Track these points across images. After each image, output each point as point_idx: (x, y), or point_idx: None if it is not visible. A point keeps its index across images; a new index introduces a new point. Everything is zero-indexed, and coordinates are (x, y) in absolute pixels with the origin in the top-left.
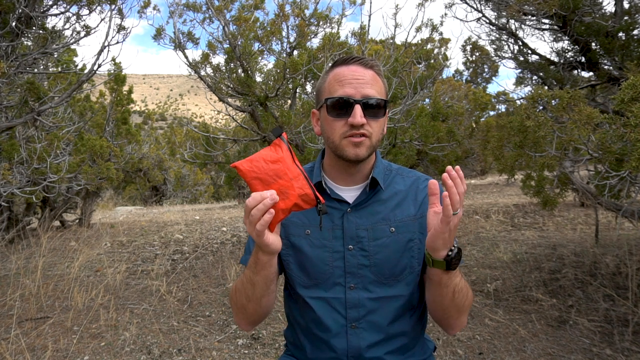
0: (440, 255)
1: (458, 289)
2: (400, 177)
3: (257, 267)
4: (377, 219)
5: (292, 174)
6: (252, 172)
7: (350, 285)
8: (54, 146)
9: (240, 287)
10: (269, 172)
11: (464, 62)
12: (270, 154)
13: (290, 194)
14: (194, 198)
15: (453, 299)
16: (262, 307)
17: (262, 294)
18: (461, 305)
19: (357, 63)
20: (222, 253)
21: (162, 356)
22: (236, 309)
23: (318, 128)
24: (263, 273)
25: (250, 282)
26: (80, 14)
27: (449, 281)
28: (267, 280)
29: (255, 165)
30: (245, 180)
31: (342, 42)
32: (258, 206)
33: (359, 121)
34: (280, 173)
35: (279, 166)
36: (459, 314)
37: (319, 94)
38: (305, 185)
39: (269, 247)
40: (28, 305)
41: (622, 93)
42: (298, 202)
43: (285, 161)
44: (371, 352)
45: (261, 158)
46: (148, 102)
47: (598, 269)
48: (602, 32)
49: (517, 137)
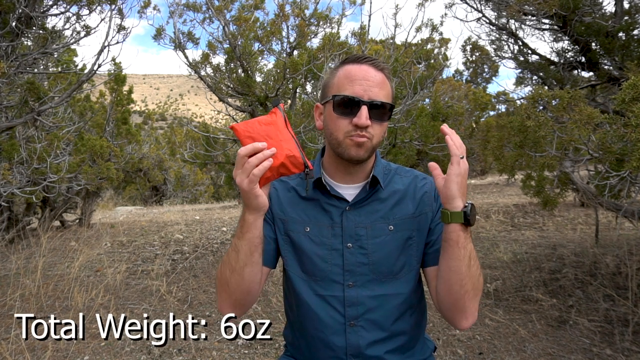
0: (457, 205)
1: (473, 255)
2: (399, 177)
3: (243, 229)
4: (376, 217)
5: (282, 136)
6: (246, 132)
7: (348, 283)
8: (54, 146)
9: (226, 258)
10: (260, 132)
11: (464, 62)
12: (265, 117)
13: (278, 154)
14: (194, 198)
15: (470, 265)
16: (245, 280)
17: (245, 262)
18: (476, 279)
19: (369, 63)
20: (222, 253)
21: (162, 356)
22: (220, 287)
23: (320, 122)
24: (248, 235)
25: (235, 249)
26: (80, 14)
27: (466, 242)
28: (251, 245)
29: (249, 126)
30: (239, 139)
31: (342, 42)
32: (257, 155)
33: (364, 122)
34: (271, 134)
35: (270, 128)
36: (475, 292)
37: (326, 89)
38: (295, 148)
39: (256, 198)
40: (28, 305)
41: (622, 93)
42: (285, 163)
43: (277, 124)
44: (371, 350)
45: (256, 120)
46: (148, 102)
47: (598, 269)
48: (602, 32)
49: (517, 137)
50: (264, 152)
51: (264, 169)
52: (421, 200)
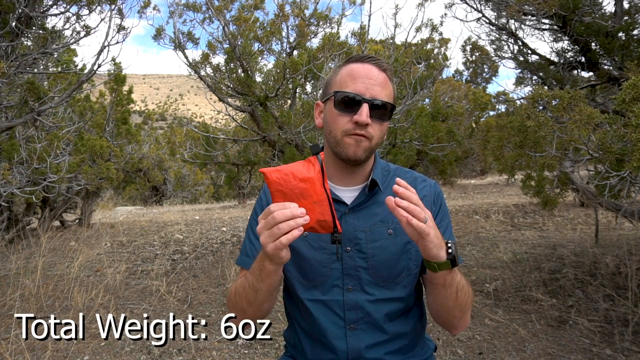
0: (442, 257)
1: (460, 287)
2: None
3: (262, 274)
4: (375, 220)
5: (317, 197)
6: (278, 184)
7: (348, 287)
8: (54, 146)
9: (242, 291)
10: (294, 189)
11: (464, 62)
12: (302, 170)
13: (310, 216)
14: (194, 198)
15: (457, 298)
16: (262, 311)
17: (264, 300)
18: (464, 304)
19: (372, 63)
20: (222, 253)
21: (162, 356)
22: (234, 310)
23: (320, 120)
24: (268, 281)
25: (253, 289)
26: (80, 14)
27: (452, 280)
28: (271, 288)
29: (283, 178)
30: (269, 189)
31: (342, 42)
32: (290, 222)
33: (364, 120)
34: (306, 194)
35: (306, 186)
36: (463, 313)
37: (328, 87)
38: (327, 212)
39: (281, 258)
40: (28, 305)
41: (623, 93)
42: (314, 226)
43: (314, 182)
44: (371, 353)
45: (291, 172)
46: (148, 102)
47: (598, 269)
48: (602, 32)
49: (517, 137)
50: (297, 221)
51: (293, 238)
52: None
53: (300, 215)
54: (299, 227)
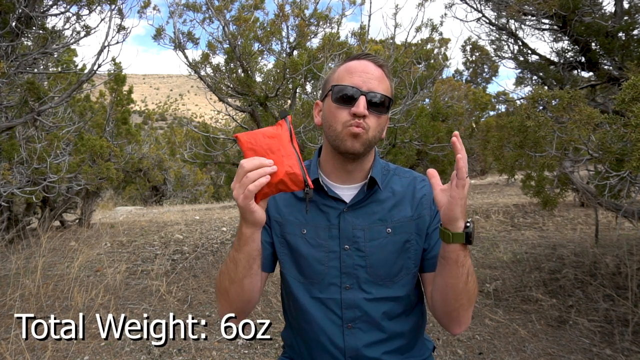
0: (459, 226)
1: (471, 271)
2: (398, 178)
3: (240, 242)
4: (374, 219)
5: (285, 151)
6: (249, 143)
7: (345, 285)
8: (54, 146)
9: (224, 269)
10: (263, 145)
11: (464, 62)
12: (270, 130)
13: (279, 169)
14: (194, 198)
15: (467, 282)
16: (245, 290)
17: (244, 274)
18: (472, 292)
19: (369, 59)
20: (222, 253)
21: (162, 356)
22: (219, 295)
23: (319, 119)
24: (246, 249)
25: (233, 261)
26: (80, 14)
27: (465, 260)
28: (249, 258)
29: (252, 137)
30: (242, 149)
31: (342, 42)
32: (258, 170)
33: (361, 111)
34: (274, 148)
35: (274, 141)
36: (469, 303)
37: (326, 84)
38: (296, 165)
39: (253, 214)
40: (28, 305)
41: (622, 93)
42: (285, 180)
43: (281, 138)
44: (369, 352)
45: (260, 132)
46: (148, 102)
47: (598, 269)
48: (602, 32)
49: (517, 137)
50: (263, 168)
51: (260, 185)
52: (420, 202)
53: (267, 164)
54: (266, 175)
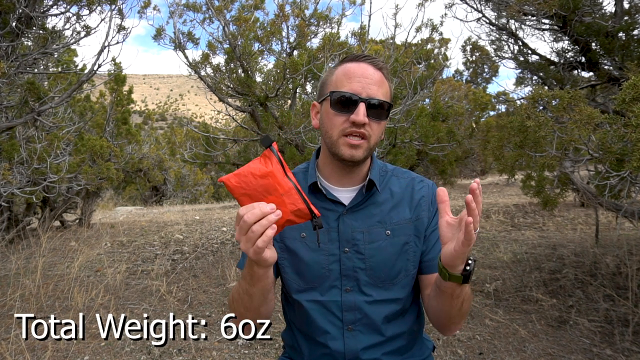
0: (458, 270)
1: (467, 297)
2: (396, 179)
3: (253, 280)
4: (373, 221)
5: (283, 189)
6: (241, 188)
7: (346, 288)
8: (54, 146)
9: (237, 297)
10: (257, 188)
11: (464, 62)
12: (259, 167)
13: (282, 210)
14: (194, 198)
15: (461, 308)
16: (262, 314)
17: (260, 304)
18: (466, 312)
19: (368, 62)
20: (222, 253)
21: (162, 356)
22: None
23: (316, 121)
24: (260, 285)
25: (247, 294)
26: (81, 14)
27: (461, 292)
28: (264, 292)
29: (243, 181)
30: (234, 195)
31: (342, 42)
32: (261, 221)
33: (361, 119)
34: (270, 189)
35: (268, 181)
36: (462, 319)
37: (324, 87)
38: (298, 200)
39: (266, 261)
40: (28, 305)
41: (623, 93)
42: (291, 218)
43: (275, 175)
44: (368, 353)
45: (249, 172)
46: (148, 102)
47: (598, 269)
48: (602, 32)
49: (518, 137)
50: (268, 219)
51: (269, 239)
52: (418, 204)
53: (270, 212)
54: (272, 226)
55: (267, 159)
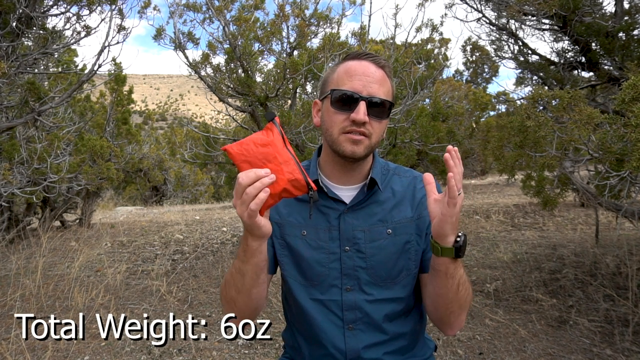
0: (449, 241)
1: (462, 280)
2: (398, 177)
3: (247, 254)
4: (374, 220)
5: (282, 158)
6: (241, 155)
7: (346, 287)
8: (54, 146)
9: (230, 279)
10: (258, 155)
11: (464, 62)
12: (261, 137)
13: (279, 178)
14: (194, 198)
15: (457, 291)
16: (253, 299)
17: (252, 284)
18: (464, 300)
19: (369, 60)
20: (223, 253)
21: (162, 356)
22: (226, 303)
23: (317, 119)
24: (253, 261)
25: (240, 272)
26: (81, 14)
27: (455, 271)
28: (256, 269)
29: (244, 148)
30: (235, 162)
31: (342, 42)
32: (255, 184)
33: (361, 118)
34: (270, 157)
35: (268, 149)
36: (461, 310)
37: (325, 85)
38: (296, 170)
39: (260, 229)
40: (28, 305)
41: (622, 93)
42: (287, 187)
43: (275, 145)
44: (369, 353)
45: (251, 141)
46: (148, 102)
47: (598, 269)
48: (602, 32)
49: (518, 137)
50: (262, 181)
51: (261, 201)
52: (420, 202)
53: (264, 175)
54: (265, 189)
55: (269, 131)
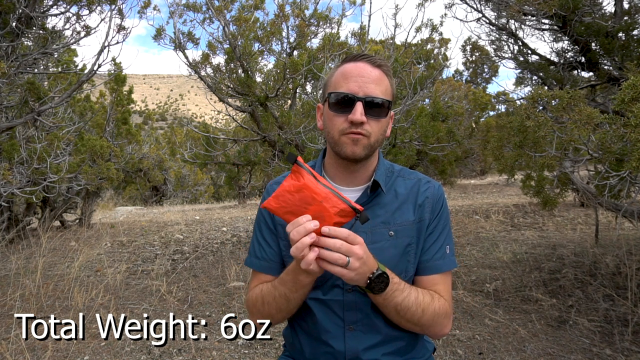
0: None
1: (402, 307)
2: (402, 180)
3: (297, 286)
4: (377, 222)
5: (320, 197)
6: (282, 208)
7: (348, 287)
8: (54, 146)
9: (271, 300)
10: (297, 203)
11: (464, 62)
12: (293, 183)
13: (326, 215)
14: (194, 198)
15: (399, 315)
16: (292, 313)
17: (296, 307)
18: (416, 321)
19: (365, 61)
20: (222, 253)
21: (162, 356)
22: (260, 317)
23: (321, 122)
24: (303, 291)
25: (285, 298)
26: (80, 14)
27: (385, 302)
28: (304, 297)
29: (282, 201)
30: (279, 216)
31: (342, 42)
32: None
33: (358, 118)
34: (309, 199)
35: (304, 194)
36: (421, 328)
37: (325, 89)
38: (338, 202)
39: (314, 271)
40: (28, 305)
41: (622, 93)
42: (337, 220)
43: (309, 187)
44: (368, 354)
45: (285, 191)
46: (148, 102)
47: (598, 269)
48: (602, 32)
49: (517, 137)
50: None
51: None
52: (422, 205)
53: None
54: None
55: (297, 174)
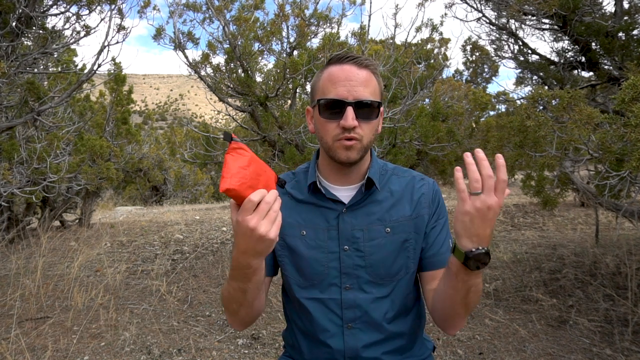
0: (462, 244)
1: (475, 289)
2: (396, 177)
3: (248, 274)
4: (373, 219)
5: (264, 166)
6: (243, 184)
7: (345, 285)
8: (54, 146)
9: (229, 295)
10: (252, 176)
11: (464, 62)
12: (240, 158)
13: (270, 182)
14: (194, 198)
15: (466, 297)
16: (254, 309)
17: (253, 298)
18: (471, 304)
19: (350, 62)
20: (222, 253)
21: (162, 356)
22: (228, 313)
23: (312, 126)
24: (254, 279)
25: (242, 291)
26: (80, 14)
27: (466, 277)
28: (258, 284)
29: (241, 177)
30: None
31: (342, 42)
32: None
33: (350, 124)
34: (259, 170)
35: (255, 165)
36: (466, 313)
37: (313, 92)
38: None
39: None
40: (28, 305)
41: (622, 93)
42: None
43: (256, 158)
44: (368, 352)
45: (240, 168)
46: (148, 102)
47: (598, 269)
48: (602, 32)
49: (517, 137)
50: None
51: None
52: (418, 202)
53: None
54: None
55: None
